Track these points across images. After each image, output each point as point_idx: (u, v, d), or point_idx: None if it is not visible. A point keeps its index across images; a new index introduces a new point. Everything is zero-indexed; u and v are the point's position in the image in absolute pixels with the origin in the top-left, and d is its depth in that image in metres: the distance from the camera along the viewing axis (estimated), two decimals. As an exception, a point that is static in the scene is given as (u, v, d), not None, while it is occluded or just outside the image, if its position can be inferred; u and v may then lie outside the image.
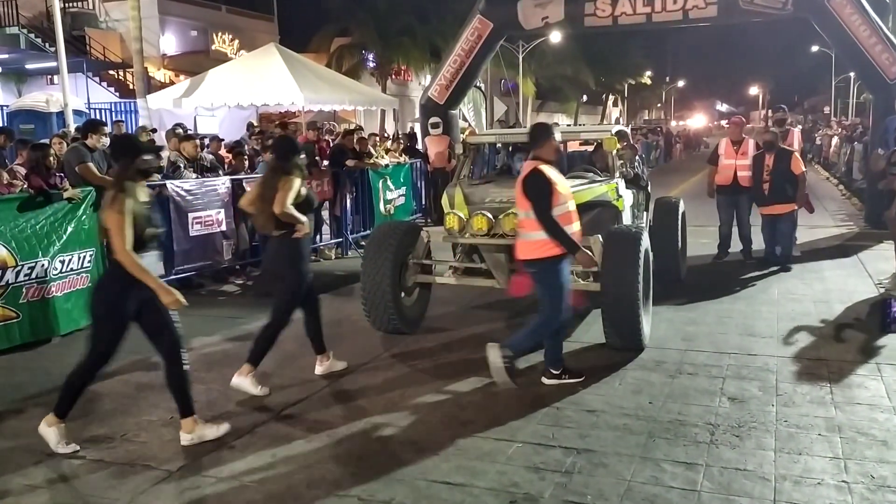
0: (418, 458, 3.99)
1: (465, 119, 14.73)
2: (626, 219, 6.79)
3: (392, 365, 5.60)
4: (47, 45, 22.25)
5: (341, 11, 28.80)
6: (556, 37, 29.96)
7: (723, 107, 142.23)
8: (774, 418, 4.43)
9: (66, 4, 24.36)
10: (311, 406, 4.82)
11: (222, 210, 8.34)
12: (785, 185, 8.50)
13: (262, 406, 4.82)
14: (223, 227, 8.34)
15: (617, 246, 5.57)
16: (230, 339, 6.45)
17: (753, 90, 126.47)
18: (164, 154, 8.62)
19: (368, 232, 11.42)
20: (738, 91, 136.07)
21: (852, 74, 49.02)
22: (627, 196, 6.82)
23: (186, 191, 7.97)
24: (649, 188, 8.11)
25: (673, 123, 67.09)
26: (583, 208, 6.22)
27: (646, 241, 5.71)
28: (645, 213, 7.88)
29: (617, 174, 6.70)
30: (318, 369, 5.42)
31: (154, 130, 11.58)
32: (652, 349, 5.76)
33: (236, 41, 30.22)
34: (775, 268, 8.71)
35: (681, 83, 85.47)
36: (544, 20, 13.11)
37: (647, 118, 71.73)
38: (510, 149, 7.77)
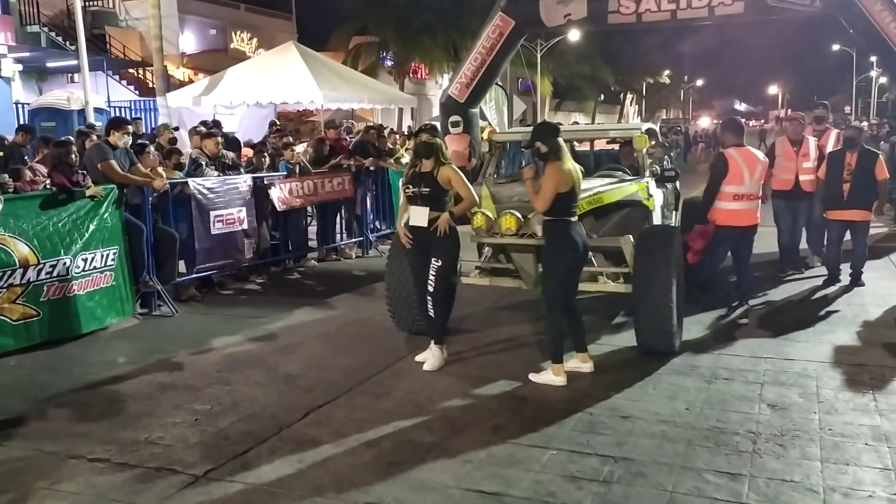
0: (450, 465, 3.87)
1: (484, 118, 14.54)
2: (657, 219, 6.62)
3: (418, 367, 5.47)
4: (68, 43, 22.35)
5: (359, 10, 28.77)
6: (574, 35, 29.73)
7: (741, 106, 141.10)
8: (818, 426, 4.26)
9: (87, 3, 24.43)
10: (338, 409, 4.71)
11: (244, 208, 8.26)
12: (868, 188, 7.58)
13: (288, 409, 4.71)
14: (245, 226, 8.26)
15: (650, 246, 5.42)
16: (253, 339, 6.35)
17: (772, 89, 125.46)
18: (186, 152, 8.56)
19: (389, 231, 11.35)
20: (757, 90, 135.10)
21: (873, 74, 48.45)
22: (657, 196, 6.66)
23: (208, 189, 7.89)
24: (678, 187, 7.92)
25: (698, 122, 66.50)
26: (612, 208, 6.11)
27: (679, 241, 5.56)
28: (674, 213, 7.71)
29: (647, 173, 6.54)
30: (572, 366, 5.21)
31: (177, 128, 11.52)
32: (684, 353, 5.60)
33: (255, 40, 30.27)
34: (803, 271, 8.46)
35: (699, 82, 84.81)
36: (567, 17, 12.94)
37: (665, 117, 71.23)
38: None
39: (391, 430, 4.35)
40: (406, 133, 16.76)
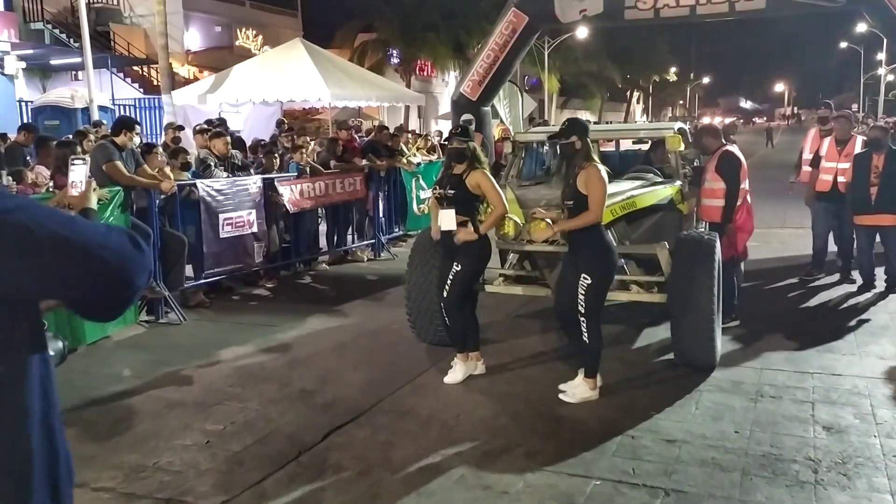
0: (485, 497, 3.56)
1: (496, 116, 14.20)
2: (690, 224, 6.30)
3: (441, 382, 5.16)
4: (72, 40, 22.08)
5: (365, 7, 28.46)
6: (582, 32, 29.38)
7: (747, 104, 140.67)
8: (881, 452, 3.94)
9: (91, 0, 24.17)
10: (360, 429, 4.40)
11: (253, 211, 7.95)
12: None
13: (306, 429, 4.40)
14: (254, 229, 7.95)
15: (690, 254, 5.09)
16: (265, 349, 6.04)
17: (779, 87, 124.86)
18: (192, 153, 8.25)
19: (401, 233, 11.04)
20: (763, 88, 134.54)
21: (881, 72, 47.97)
22: (692, 199, 6.33)
23: (217, 190, 7.58)
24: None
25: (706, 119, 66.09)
26: (644, 212, 5.79)
27: (720, 249, 5.24)
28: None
29: (680, 175, 6.20)
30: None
31: (181, 127, 11.22)
32: (724, 368, 5.28)
33: (260, 37, 29.97)
34: (837, 277, 8.12)
35: (706, 79, 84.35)
36: (582, 13, 12.61)
37: (670, 115, 70.80)
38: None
39: (417, 454, 4.03)
40: (417, 132, 16.44)
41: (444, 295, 5.11)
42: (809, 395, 4.78)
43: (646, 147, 7.58)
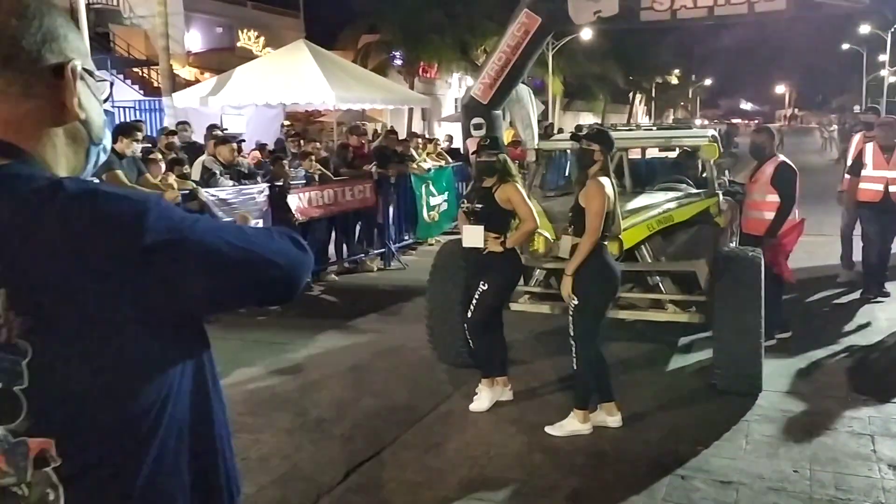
0: (530, 550, 3.21)
1: (508, 118, 13.84)
2: (727, 239, 5.95)
3: (467, 409, 4.80)
4: (71, 41, 21.68)
5: (368, 8, 28.11)
6: (586, 34, 29.07)
7: (747, 105, 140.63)
8: (958, 496, 3.59)
9: (91, 1, 23.82)
10: (383, 467, 4.05)
11: (260, 220, 7.59)
12: None
13: (326, 467, 4.05)
14: (261, 239, 7.59)
15: (735, 272, 4.74)
16: (276, 371, 5.69)
17: (780, 89, 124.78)
18: (199, 160, 7.90)
19: (411, 241, 10.70)
20: (764, 89, 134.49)
21: (884, 73, 47.68)
22: (727, 211, 5.98)
23: (222, 199, 7.23)
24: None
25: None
26: (681, 227, 5.44)
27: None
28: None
29: (716, 186, 5.85)
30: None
31: (174, 133, 10.79)
32: (769, 393, 4.92)
33: (262, 38, 29.59)
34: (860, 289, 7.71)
35: (707, 81, 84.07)
36: (597, 14, 12.19)
37: (673, 117, 70.53)
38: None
39: (449, 497, 3.68)
40: (427, 137, 16.12)
41: (469, 315, 4.77)
42: (867, 427, 4.43)
43: (673, 154, 7.24)
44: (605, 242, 4.39)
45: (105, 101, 1.20)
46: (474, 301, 4.73)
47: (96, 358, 0.97)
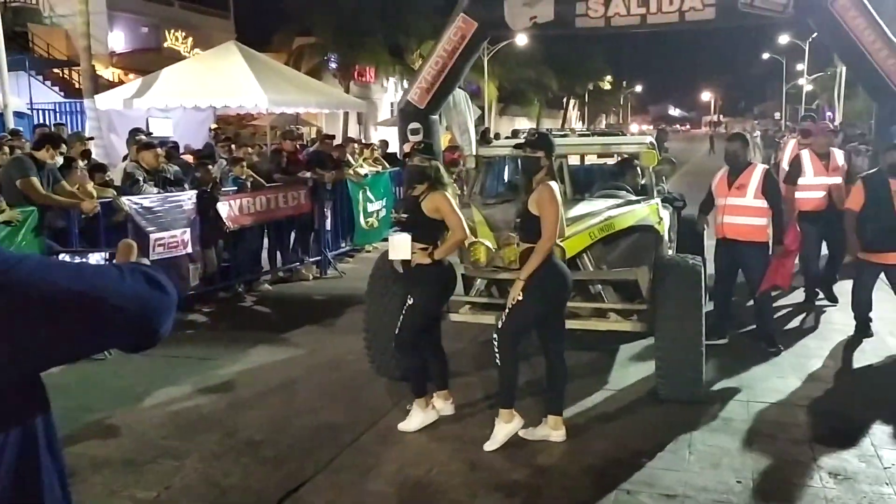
0: (475, 579, 3.05)
1: (445, 123, 13.74)
2: (666, 246, 5.94)
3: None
4: (-15, 40, 20.58)
5: (300, 9, 27.62)
6: (521, 39, 29.34)
7: (675, 111, 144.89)
8: (897, 503, 3.62)
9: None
10: (319, 492, 3.82)
11: (188, 230, 7.25)
12: None
13: (257, 494, 3.80)
14: (189, 249, 7.25)
15: (675, 279, 4.71)
16: (204, 390, 5.38)
17: (705, 95, 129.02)
18: (121, 166, 7.49)
19: (348, 248, 10.46)
20: (691, 96, 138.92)
21: (802, 81, 49.82)
22: (666, 218, 5.98)
23: (146, 208, 6.86)
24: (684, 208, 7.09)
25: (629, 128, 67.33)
26: (622, 234, 5.39)
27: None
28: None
29: (655, 193, 5.84)
30: None
31: (91, 138, 10.31)
32: (710, 401, 4.91)
33: (190, 39, 28.81)
34: (800, 292, 7.87)
35: (638, 88, 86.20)
36: (532, 20, 12.26)
37: (605, 122, 71.95)
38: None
39: (389, 522, 3.50)
40: (363, 142, 15.87)
41: (396, 332, 4.56)
42: (805, 433, 4.45)
43: (611, 161, 7.23)
44: (554, 248, 4.29)
45: None
46: (401, 318, 4.53)
47: None
